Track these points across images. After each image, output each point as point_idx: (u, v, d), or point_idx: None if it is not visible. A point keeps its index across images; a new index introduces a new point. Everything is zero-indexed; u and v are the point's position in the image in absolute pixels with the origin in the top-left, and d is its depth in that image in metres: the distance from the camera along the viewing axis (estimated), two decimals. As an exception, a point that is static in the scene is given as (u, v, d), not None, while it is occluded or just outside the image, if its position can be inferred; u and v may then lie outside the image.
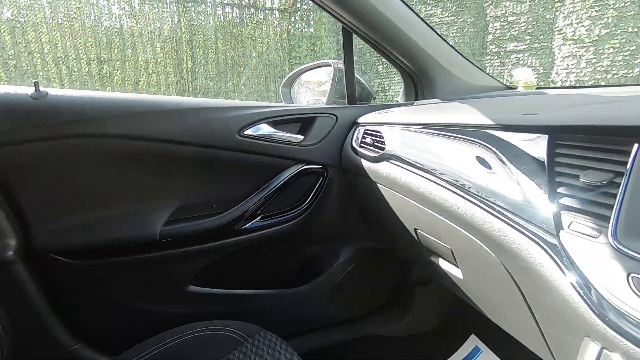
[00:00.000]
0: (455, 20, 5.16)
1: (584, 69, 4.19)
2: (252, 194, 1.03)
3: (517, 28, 4.66)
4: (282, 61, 6.39)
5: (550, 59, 4.46)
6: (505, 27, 4.75)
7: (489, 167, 0.61)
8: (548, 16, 4.45)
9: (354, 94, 1.17)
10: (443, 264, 0.85)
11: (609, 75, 4.03)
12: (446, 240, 0.76)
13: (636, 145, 0.44)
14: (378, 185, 0.96)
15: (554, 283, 0.47)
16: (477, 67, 1.15)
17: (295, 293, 1.16)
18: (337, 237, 1.21)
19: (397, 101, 1.23)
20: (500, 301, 0.69)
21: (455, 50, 1.12)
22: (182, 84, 5.77)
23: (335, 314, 1.26)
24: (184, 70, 5.71)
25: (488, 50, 4.95)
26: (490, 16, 4.88)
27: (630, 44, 3.95)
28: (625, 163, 0.44)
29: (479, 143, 0.65)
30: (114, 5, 5.13)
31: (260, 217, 1.05)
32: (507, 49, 4.77)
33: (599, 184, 0.45)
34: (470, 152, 0.67)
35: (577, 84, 4.25)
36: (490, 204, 0.59)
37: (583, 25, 4.19)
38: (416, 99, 1.16)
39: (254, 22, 6.03)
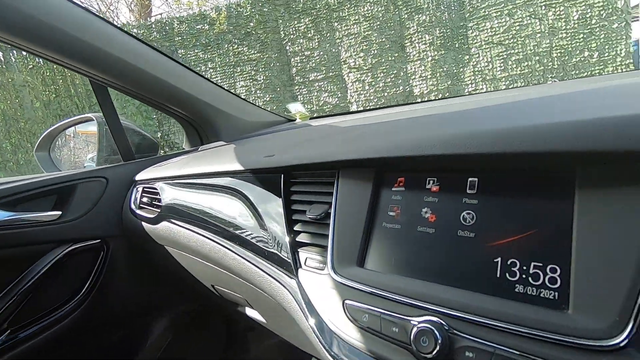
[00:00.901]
0: (262, 56, 5.57)
1: (368, 90, 5.18)
2: None
3: (313, 61, 5.38)
4: (81, 108, 5.48)
5: (344, 85, 5.34)
6: (304, 60, 5.42)
7: (245, 214, 0.61)
8: (334, 50, 5.32)
9: (129, 149, 1.03)
10: (249, 311, 0.81)
11: (385, 93, 5.11)
12: (238, 291, 0.73)
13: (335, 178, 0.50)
14: (166, 247, 0.86)
15: (302, 325, 0.48)
16: (255, 105, 1.20)
17: None
18: (141, 312, 1.03)
19: (184, 148, 1.16)
20: (299, 337, 0.70)
21: (231, 92, 1.14)
22: None
23: None
24: None
25: (295, 81, 5.52)
26: (290, 52, 5.48)
27: (392, 69, 5.13)
28: (332, 194, 0.49)
29: (234, 190, 0.65)
30: None
31: (8, 331, 0.78)
32: (310, 79, 5.44)
33: (318, 217, 0.49)
34: (229, 202, 0.65)
35: (366, 103, 5.18)
36: (251, 253, 0.58)
37: (359, 56, 5.20)
38: (202, 144, 1.12)
39: (30, 67, 4.97)
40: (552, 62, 4.33)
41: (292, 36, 5.39)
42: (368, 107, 5.20)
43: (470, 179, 0.38)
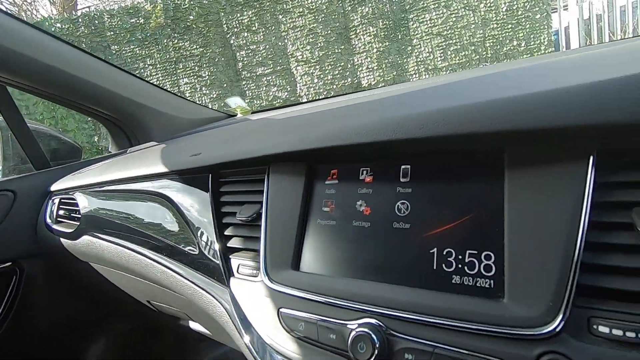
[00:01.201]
0: (205, 51, 5.30)
1: (317, 83, 5.16)
2: None
3: (259, 54, 5.23)
4: None
5: (293, 78, 5.26)
6: (250, 54, 5.25)
7: (171, 221, 0.55)
8: (280, 43, 5.21)
9: (42, 156, 0.90)
10: (192, 324, 0.75)
11: (334, 86, 5.12)
12: (175, 305, 0.66)
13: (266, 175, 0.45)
14: (91, 264, 0.76)
15: (238, 342, 0.43)
16: (192, 101, 1.11)
17: None
18: (72, 338, 0.92)
19: (110, 152, 1.05)
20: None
21: (163, 89, 1.04)
22: None
23: None
24: None
25: (242, 76, 5.34)
26: (235, 46, 5.28)
27: (340, 61, 5.14)
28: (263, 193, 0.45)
29: (159, 195, 0.58)
30: None
31: None
32: (258, 73, 5.29)
33: (249, 219, 0.44)
34: (154, 208, 0.58)
35: (316, 96, 5.16)
36: (180, 264, 0.52)
37: (306, 49, 5.15)
38: (131, 145, 1.02)
39: None
40: (486, 52, 4.61)
41: (235, 29, 5.19)
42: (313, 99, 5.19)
43: (403, 166, 0.36)
